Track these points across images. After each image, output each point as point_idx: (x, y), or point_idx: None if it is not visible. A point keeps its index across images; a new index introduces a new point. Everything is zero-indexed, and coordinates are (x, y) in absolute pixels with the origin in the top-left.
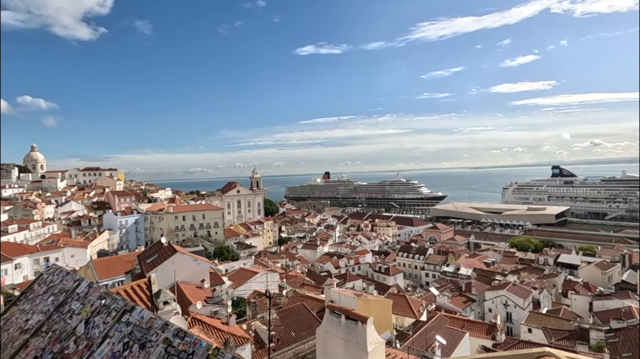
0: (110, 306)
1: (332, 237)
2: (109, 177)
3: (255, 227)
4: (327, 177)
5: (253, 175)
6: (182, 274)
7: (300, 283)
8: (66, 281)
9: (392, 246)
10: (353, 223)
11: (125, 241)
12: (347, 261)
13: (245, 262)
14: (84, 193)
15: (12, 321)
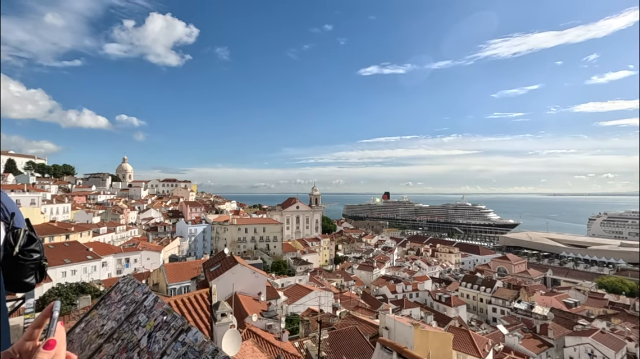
0: (170, 324)
1: (389, 260)
2: (184, 188)
3: (312, 244)
4: (386, 197)
5: (312, 192)
6: (240, 285)
7: (354, 305)
8: (137, 292)
9: (455, 274)
10: (412, 246)
11: (193, 249)
12: (405, 286)
13: (301, 278)
14: (161, 202)
15: (92, 324)
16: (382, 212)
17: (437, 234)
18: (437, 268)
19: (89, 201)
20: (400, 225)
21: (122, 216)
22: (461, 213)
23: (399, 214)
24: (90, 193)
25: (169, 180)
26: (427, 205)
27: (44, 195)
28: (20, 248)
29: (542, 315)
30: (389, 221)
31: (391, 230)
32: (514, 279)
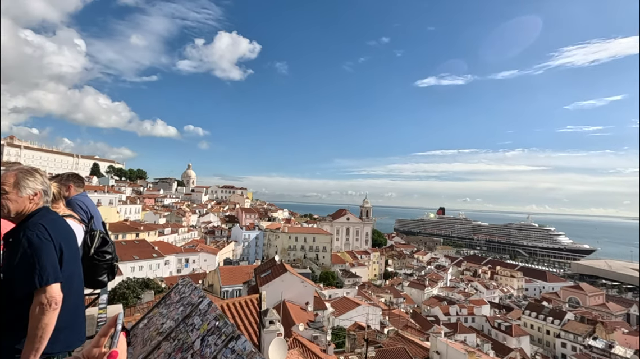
0: (221, 329)
1: (442, 279)
2: (240, 195)
3: (362, 257)
4: (441, 212)
5: (364, 204)
6: (289, 293)
7: (403, 324)
8: (193, 295)
9: (517, 301)
10: (469, 266)
11: (246, 254)
12: (459, 309)
13: (349, 291)
14: (220, 207)
15: (153, 321)
16: (436, 228)
17: (497, 255)
18: (496, 292)
19: (157, 203)
20: (455, 243)
21: (185, 219)
22: (526, 234)
23: (454, 231)
24: (158, 196)
25: (227, 187)
26: (486, 223)
27: (120, 196)
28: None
29: (624, 357)
30: (443, 239)
31: (445, 248)
32: (588, 312)
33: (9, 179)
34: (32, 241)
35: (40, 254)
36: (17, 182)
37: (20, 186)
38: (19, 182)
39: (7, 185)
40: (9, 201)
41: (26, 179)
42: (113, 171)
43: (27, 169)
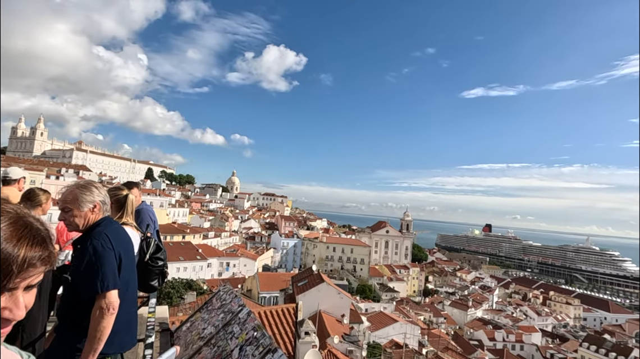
0: (259, 340)
1: (488, 301)
2: (280, 203)
3: (400, 271)
4: (487, 229)
5: (404, 217)
6: (324, 304)
7: (443, 346)
8: (234, 303)
9: (573, 331)
10: (518, 289)
11: (284, 261)
12: (506, 335)
13: (386, 306)
14: (260, 214)
15: (195, 325)
16: (481, 246)
17: (551, 279)
18: (549, 319)
19: (202, 207)
20: (503, 263)
21: (227, 224)
22: (585, 257)
23: (502, 250)
24: (204, 201)
25: (268, 194)
26: (538, 243)
27: (170, 199)
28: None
29: None
30: (489, 257)
31: (492, 267)
32: None
33: (70, 197)
34: (97, 250)
35: (103, 262)
36: (77, 199)
37: (80, 202)
38: (78, 198)
39: (69, 203)
40: (74, 218)
41: (84, 195)
42: (165, 175)
43: (83, 184)
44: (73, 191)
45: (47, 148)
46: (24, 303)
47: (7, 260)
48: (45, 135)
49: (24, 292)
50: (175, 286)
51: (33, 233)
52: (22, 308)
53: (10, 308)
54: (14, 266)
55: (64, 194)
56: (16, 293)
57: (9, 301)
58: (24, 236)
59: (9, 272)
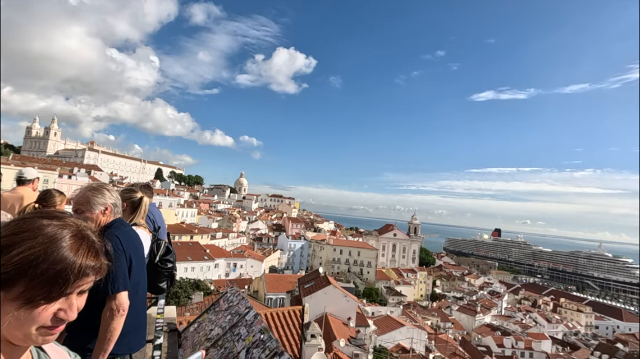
0: (266, 343)
1: (497, 307)
2: (288, 204)
3: (408, 275)
4: (496, 234)
5: (412, 220)
6: (331, 307)
7: (451, 351)
8: (241, 305)
9: (584, 339)
10: (527, 295)
11: (290, 263)
12: (515, 341)
13: (393, 310)
14: (268, 215)
15: (203, 326)
16: (490, 251)
17: (562, 286)
18: (559, 326)
19: (210, 208)
20: (512, 269)
21: (235, 225)
22: (597, 264)
23: (511, 255)
24: (212, 202)
25: (276, 196)
26: (549, 249)
27: (178, 200)
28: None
29: None
30: (499, 262)
31: (501, 273)
32: None
33: (82, 199)
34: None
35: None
36: (89, 201)
37: (92, 204)
38: (90, 201)
39: (81, 205)
40: (86, 220)
41: (96, 197)
42: (174, 176)
43: (95, 187)
44: (85, 193)
45: (60, 148)
46: (76, 305)
47: (67, 268)
48: (58, 135)
49: (77, 296)
50: (183, 286)
51: (89, 246)
52: (75, 310)
53: (65, 309)
54: (71, 274)
55: (77, 196)
56: (71, 296)
57: (65, 304)
58: (82, 247)
59: (67, 279)
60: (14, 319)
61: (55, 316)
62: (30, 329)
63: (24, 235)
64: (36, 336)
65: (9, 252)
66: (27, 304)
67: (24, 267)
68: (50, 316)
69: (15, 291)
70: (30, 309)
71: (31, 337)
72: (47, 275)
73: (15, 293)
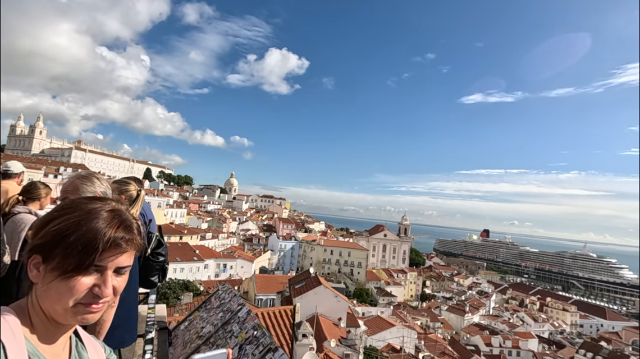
0: (259, 339)
1: (485, 306)
2: (279, 205)
3: (398, 276)
4: (485, 235)
5: (402, 221)
6: (321, 307)
7: (440, 351)
8: (233, 302)
9: (570, 338)
10: (515, 295)
11: (281, 263)
12: (503, 340)
13: (383, 310)
14: (258, 216)
15: (194, 324)
16: (479, 251)
17: (548, 285)
18: (546, 326)
19: (200, 209)
20: (500, 269)
21: (225, 225)
22: (582, 264)
23: (499, 256)
24: (202, 202)
25: (267, 196)
26: (536, 249)
27: (168, 200)
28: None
29: None
30: (487, 263)
31: (489, 273)
32: None
33: (70, 187)
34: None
35: None
36: (77, 189)
37: (81, 193)
38: (79, 189)
39: (69, 193)
40: None
41: (85, 185)
42: (163, 176)
43: (84, 175)
44: (74, 181)
45: (46, 147)
46: (112, 283)
47: (98, 237)
48: (44, 133)
49: (114, 275)
50: (172, 287)
51: (122, 219)
52: (109, 287)
53: (99, 285)
54: (100, 243)
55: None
56: (106, 273)
57: (100, 279)
58: (114, 219)
59: (96, 247)
60: (55, 291)
61: (92, 292)
62: (69, 302)
63: (65, 211)
64: (74, 313)
65: (50, 225)
66: (63, 275)
67: (59, 237)
68: (86, 290)
69: (53, 262)
70: (66, 280)
71: (70, 312)
72: (78, 243)
73: (53, 263)
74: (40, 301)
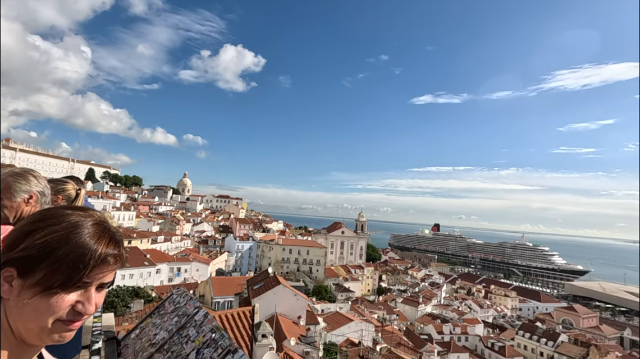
0: (218, 342)
1: (436, 297)
2: (235, 205)
3: (356, 271)
4: (436, 229)
5: (359, 218)
6: (281, 306)
7: (396, 342)
8: (189, 305)
9: (510, 321)
10: (463, 285)
11: (239, 265)
12: (453, 328)
13: (342, 306)
14: (214, 217)
15: (146, 331)
16: (430, 245)
17: (492, 274)
18: (490, 311)
19: (151, 211)
20: (450, 260)
21: (178, 227)
22: (520, 253)
23: (449, 248)
24: (153, 204)
25: (223, 196)
26: (481, 241)
27: (114, 202)
28: None
29: None
30: (438, 255)
31: (440, 265)
32: (582, 334)
33: (1, 185)
34: None
35: None
36: (9, 187)
37: (14, 191)
38: (11, 187)
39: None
40: (3, 208)
41: (18, 183)
42: (108, 176)
43: (19, 172)
44: (5, 179)
45: None
46: (95, 300)
47: (88, 253)
48: None
49: (96, 291)
50: (120, 295)
51: (111, 234)
52: (93, 304)
53: (83, 302)
54: (91, 260)
55: None
56: (90, 289)
57: (83, 296)
58: (103, 235)
59: (87, 264)
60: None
61: (74, 309)
62: (47, 320)
63: (49, 221)
64: (51, 331)
65: (32, 236)
66: (46, 291)
67: (46, 250)
68: (68, 307)
69: (35, 277)
70: (48, 296)
71: (47, 331)
72: (68, 258)
73: (35, 278)
74: (10, 319)
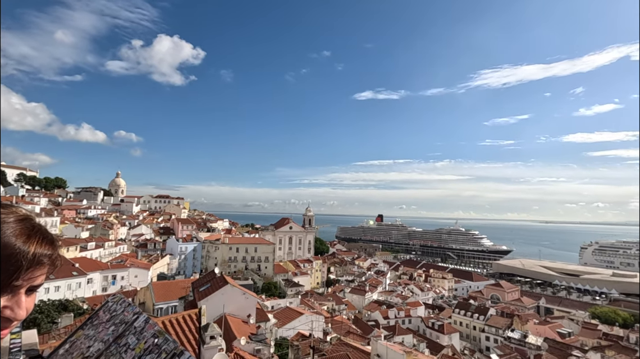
0: (161, 347)
1: (382, 284)
2: (176, 205)
3: (304, 265)
4: (380, 219)
5: (306, 212)
6: (230, 306)
7: (345, 331)
8: (127, 312)
9: (448, 301)
10: (405, 271)
11: (182, 267)
12: (397, 312)
13: (292, 301)
14: (153, 218)
15: (77, 345)
16: (375, 235)
17: (431, 259)
18: (430, 293)
19: (78, 215)
20: (393, 249)
21: (112, 232)
22: (454, 238)
23: (392, 237)
24: (81, 208)
25: (162, 197)
26: (420, 229)
27: (32, 207)
28: None
29: (536, 345)
30: (382, 245)
31: (384, 254)
32: (507, 307)
33: None
34: None
35: None
36: None
37: None
38: None
39: None
40: None
41: None
42: (24, 179)
43: None
44: None
45: None
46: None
47: (18, 254)
48: None
49: (26, 295)
50: (44, 310)
51: (42, 233)
52: (23, 308)
53: (12, 307)
54: (24, 261)
55: None
56: (19, 292)
57: (11, 301)
58: (33, 234)
59: (19, 267)
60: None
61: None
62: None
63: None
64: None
65: None
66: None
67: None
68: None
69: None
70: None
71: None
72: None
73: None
74: None
